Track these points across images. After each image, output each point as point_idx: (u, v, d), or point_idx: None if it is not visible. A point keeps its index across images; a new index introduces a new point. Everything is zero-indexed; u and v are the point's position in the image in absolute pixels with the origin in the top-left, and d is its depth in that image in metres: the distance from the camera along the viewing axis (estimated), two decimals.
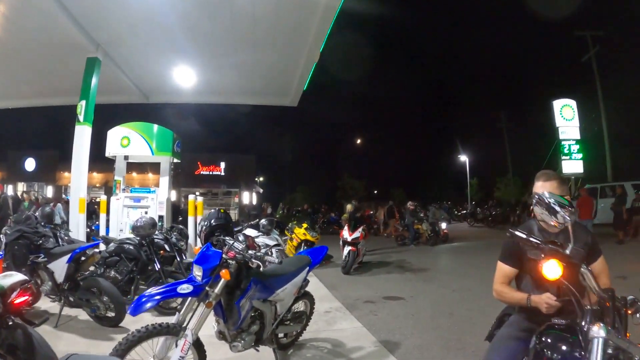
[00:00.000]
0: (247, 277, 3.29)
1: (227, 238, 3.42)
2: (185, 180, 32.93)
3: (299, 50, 9.98)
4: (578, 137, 22.00)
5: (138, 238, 6.32)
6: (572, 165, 21.87)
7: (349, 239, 10.14)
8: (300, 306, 4.35)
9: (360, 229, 10.42)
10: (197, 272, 3.11)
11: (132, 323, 4.87)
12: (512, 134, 36.47)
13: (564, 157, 21.87)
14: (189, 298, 3.13)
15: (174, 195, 23.07)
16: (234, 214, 31.08)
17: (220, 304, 3.20)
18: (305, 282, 4.13)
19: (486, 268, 10.34)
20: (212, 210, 3.97)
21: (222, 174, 37.67)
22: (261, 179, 50.28)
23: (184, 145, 11.33)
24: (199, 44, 9.70)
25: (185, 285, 3.05)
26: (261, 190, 46.31)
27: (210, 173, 37.51)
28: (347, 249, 10.03)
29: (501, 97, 50.98)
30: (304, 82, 12.02)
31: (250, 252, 3.23)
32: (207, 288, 3.09)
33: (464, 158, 38.55)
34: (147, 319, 4.48)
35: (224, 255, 3.18)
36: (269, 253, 9.40)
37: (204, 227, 3.89)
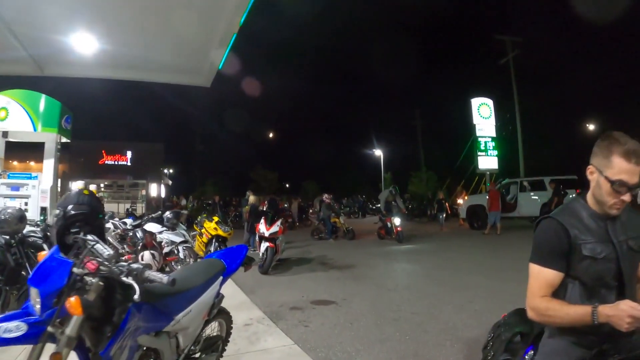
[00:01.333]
0: (123, 303, 1.92)
1: (89, 237, 2.00)
2: (88, 171, 30.06)
3: (215, 19, 8.51)
4: (494, 134, 22.61)
5: (6, 237, 4.71)
6: (488, 161, 22.48)
7: (267, 234, 8.97)
8: (213, 329, 3.11)
9: (278, 223, 9.28)
10: (35, 298, 1.76)
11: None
12: (428, 130, 37.49)
13: (480, 153, 22.41)
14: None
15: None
16: (140, 208, 28.78)
17: (83, 347, 1.86)
18: (219, 297, 2.90)
19: (416, 262, 9.96)
20: (71, 193, 2.48)
21: (129, 163, 34.82)
22: (171, 170, 47.52)
23: (87, 131, 9.54)
24: (101, 5, 7.92)
25: (14, 323, 1.69)
26: (170, 182, 43.66)
27: (116, 163, 34.54)
28: (264, 245, 8.88)
29: (418, 94, 52.42)
30: (220, 59, 10.54)
31: (122, 262, 1.90)
32: (48, 328, 1.71)
33: (378, 152, 38.77)
34: None
35: (74, 270, 1.82)
36: (176, 251, 8.13)
37: (56, 219, 2.29)
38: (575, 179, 16.12)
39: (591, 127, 34.74)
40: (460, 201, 20.52)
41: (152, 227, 8.03)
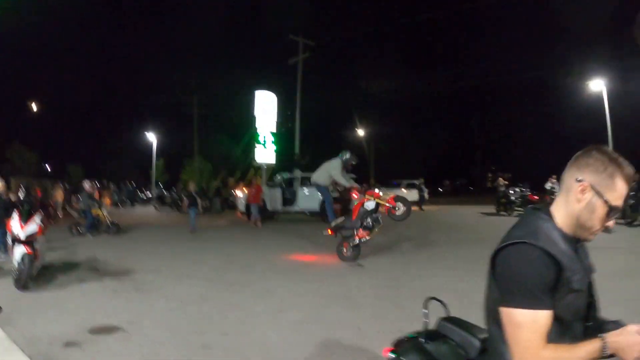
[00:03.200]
0: None
1: None
2: None
3: None
4: (274, 129, 23.08)
5: None
6: (265, 154, 22.79)
7: (22, 236, 6.78)
8: None
9: (36, 218, 7.08)
10: None
11: None
12: (207, 119, 36.61)
13: (258, 146, 22.53)
14: None
15: None
16: None
17: None
18: None
19: (201, 262, 8.87)
20: None
21: None
22: None
23: None
24: None
25: None
26: None
27: None
28: (19, 250, 6.61)
29: (199, 81, 51.18)
30: None
31: None
32: None
33: (151, 137, 36.12)
34: None
35: None
36: None
37: None
38: (354, 177, 17.74)
39: (361, 132, 39.46)
40: (239, 193, 20.24)
41: None
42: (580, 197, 1.45)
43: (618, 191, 1.42)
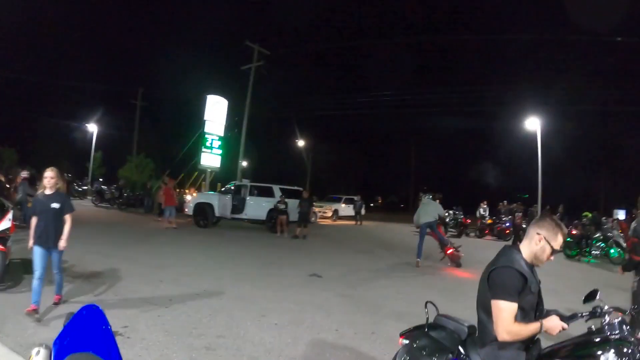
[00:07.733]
0: None
1: None
2: None
3: None
4: (222, 133, 23.24)
5: None
6: (211, 159, 22.95)
7: None
8: None
9: (9, 216, 6.89)
10: None
11: None
12: (150, 116, 35.89)
13: (204, 150, 22.66)
14: None
15: None
16: None
17: None
18: None
19: (167, 267, 8.88)
20: None
21: None
22: None
23: None
24: None
25: None
26: None
27: None
28: None
29: (149, 75, 49.87)
30: None
31: None
32: None
33: (91, 127, 34.79)
34: None
35: None
36: None
37: None
38: (300, 190, 18.45)
39: (300, 143, 40.10)
40: (188, 197, 20.26)
41: None
42: (538, 243, 2.55)
43: (558, 241, 2.54)
